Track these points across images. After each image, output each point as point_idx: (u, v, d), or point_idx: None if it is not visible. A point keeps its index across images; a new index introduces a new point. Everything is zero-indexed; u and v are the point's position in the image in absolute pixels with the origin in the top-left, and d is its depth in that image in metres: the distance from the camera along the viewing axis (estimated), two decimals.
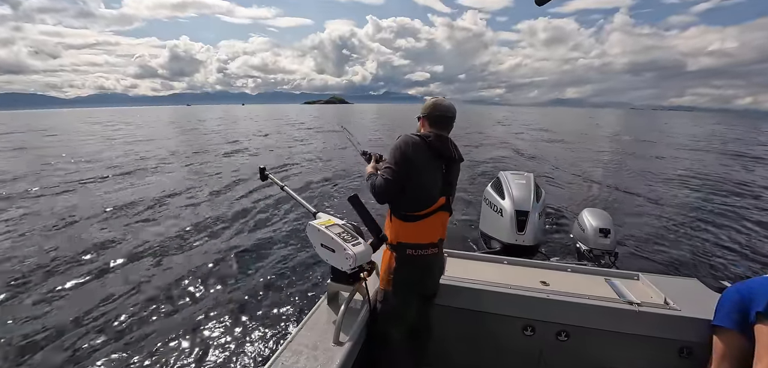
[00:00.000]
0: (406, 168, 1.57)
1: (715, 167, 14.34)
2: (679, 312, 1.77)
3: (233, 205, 7.22)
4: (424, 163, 1.60)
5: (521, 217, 3.42)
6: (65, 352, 3.07)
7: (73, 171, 10.81)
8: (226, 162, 12.04)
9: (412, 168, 1.58)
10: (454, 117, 1.73)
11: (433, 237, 1.67)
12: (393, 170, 1.58)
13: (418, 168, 1.59)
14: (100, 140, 16.73)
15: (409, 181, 1.60)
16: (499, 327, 1.93)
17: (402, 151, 1.58)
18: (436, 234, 1.68)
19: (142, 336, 3.27)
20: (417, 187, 1.61)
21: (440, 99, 1.73)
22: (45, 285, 4.11)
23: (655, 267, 4.86)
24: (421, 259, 1.66)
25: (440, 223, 1.69)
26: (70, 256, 4.80)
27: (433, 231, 1.67)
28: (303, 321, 1.66)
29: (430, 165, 1.62)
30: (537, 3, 1.18)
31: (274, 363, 1.38)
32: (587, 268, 2.41)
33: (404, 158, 1.57)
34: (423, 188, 1.62)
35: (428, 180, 1.62)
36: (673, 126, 46.05)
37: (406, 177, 1.58)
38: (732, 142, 25.48)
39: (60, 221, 6.20)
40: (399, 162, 1.58)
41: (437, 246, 1.71)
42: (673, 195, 9.52)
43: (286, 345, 1.48)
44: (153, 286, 4.12)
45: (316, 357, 1.42)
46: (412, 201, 1.62)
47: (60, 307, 3.69)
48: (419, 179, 1.60)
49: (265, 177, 1.98)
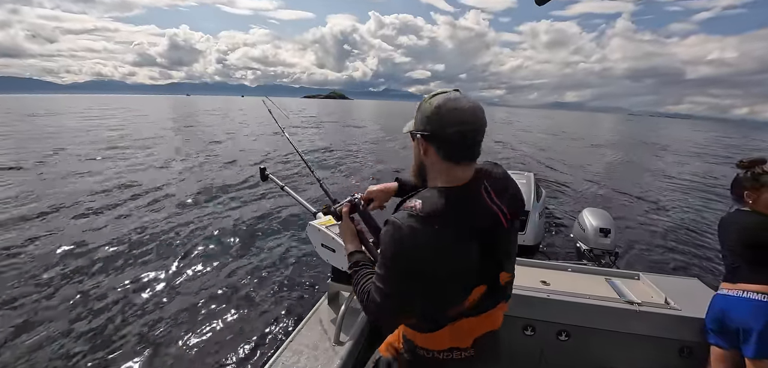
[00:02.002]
0: (407, 287, 0.89)
1: (715, 170, 14.35)
2: (679, 312, 1.77)
3: (233, 205, 7.22)
4: (442, 262, 0.86)
5: (521, 217, 3.43)
6: (66, 352, 3.08)
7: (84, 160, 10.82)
8: (225, 159, 12.03)
9: (418, 283, 0.88)
10: (485, 126, 0.91)
11: (465, 341, 0.97)
12: (388, 295, 0.90)
13: (431, 275, 0.87)
14: (105, 140, 16.72)
15: (418, 298, 0.92)
16: (500, 327, 1.93)
17: (395, 261, 0.87)
18: (469, 337, 0.97)
19: (141, 336, 3.27)
20: (432, 297, 0.91)
21: (452, 96, 0.89)
22: (52, 281, 4.11)
23: (655, 267, 4.87)
24: (451, 364, 0.98)
25: (478, 324, 0.96)
26: (71, 254, 4.80)
27: (464, 335, 0.97)
28: (303, 321, 1.66)
29: (454, 256, 0.86)
30: (537, 2, 1.18)
31: (274, 363, 1.39)
32: (588, 268, 2.41)
33: (403, 275, 0.87)
34: (442, 294, 0.91)
35: (455, 278, 0.89)
36: (672, 132, 46.26)
37: (410, 299, 0.91)
38: (731, 148, 25.64)
39: (59, 221, 6.20)
40: (394, 279, 0.89)
41: (479, 344, 0.99)
42: (674, 196, 9.52)
43: (286, 345, 1.48)
44: (152, 286, 4.11)
45: (317, 357, 1.43)
46: (424, 314, 0.97)
47: (57, 307, 3.69)
48: (434, 288, 0.89)
49: (265, 177, 1.98)
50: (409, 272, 0.87)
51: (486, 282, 0.92)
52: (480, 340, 0.97)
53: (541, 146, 20.36)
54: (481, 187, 0.92)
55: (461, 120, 0.87)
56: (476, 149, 0.91)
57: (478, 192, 0.91)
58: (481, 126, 0.89)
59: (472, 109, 0.88)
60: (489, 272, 0.93)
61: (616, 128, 54.74)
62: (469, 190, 0.91)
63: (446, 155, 0.90)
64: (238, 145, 16.16)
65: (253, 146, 15.82)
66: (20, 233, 5.43)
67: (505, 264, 0.96)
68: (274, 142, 16.84)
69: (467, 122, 0.87)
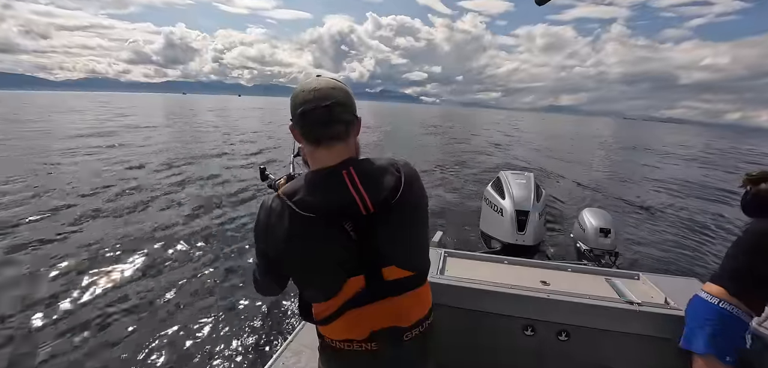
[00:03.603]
0: (273, 268, 0.94)
1: (711, 172, 14.38)
2: (679, 312, 1.77)
3: (233, 204, 7.22)
4: (300, 244, 0.86)
5: (521, 217, 3.42)
6: (63, 352, 3.08)
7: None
8: (224, 158, 12.05)
9: (280, 262, 0.91)
10: (343, 104, 0.89)
11: (361, 333, 0.92)
12: (262, 273, 0.98)
13: (292, 257, 0.89)
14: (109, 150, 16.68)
15: (287, 276, 0.98)
16: (499, 327, 1.93)
17: (257, 241, 0.93)
18: (364, 330, 0.92)
19: (141, 336, 3.27)
20: (300, 280, 0.96)
21: (305, 82, 0.91)
22: (47, 281, 4.11)
23: (655, 267, 4.87)
24: (354, 356, 0.94)
25: (368, 317, 0.91)
26: (69, 253, 4.80)
27: (357, 327, 0.92)
28: (303, 322, 1.66)
29: (314, 240, 0.86)
30: (537, 2, 1.18)
31: (274, 363, 1.39)
32: (587, 268, 2.41)
33: (265, 254, 0.92)
34: (308, 278, 0.94)
35: (318, 265, 0.89)
36: (667, 136, 46.55)
37: (279, 275, 0.97)
38: (728, 151, 25.82)
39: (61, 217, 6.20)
40: (261, 259, 0.95)
41: (380, 338, 0.92)
42: (673, 197, 9.54)
43: (286, 345, 1.48)
44: (151, 286, 4.11)
45: (317, 357, 1.43)
46: (307, 294, 0.98)
47: (57, 308, 3.69)
48: (302, 272, 0.93)
49: (265, 177, 1.98)
50: (268, 252, 0.90)
51: (362, 273, 0.88)
52: (380, 335, 0.92)
53: (541, 146, 20.39)
54: (343, 171, 0.87)
55: (306, 101, 0.87)
56: (331, 126, 0.88)
57: (340, 176, 0.87)
58: (321, 101, 0.86)
59: (315, 86, 0.88)
60: (365, 264, 0.88)
61: (611, 131, 54.86)
62: (331, 174, 0.88)
63: (305, 137, 0.91)
64: (238, 146, 16.17)
65: (253, 147, 15.83)
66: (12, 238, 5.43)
67: (390, 258, 0.89)
68: (275, 142, 16.85)
69: (308, 101, 0.87)
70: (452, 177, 10.87)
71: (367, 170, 0.90)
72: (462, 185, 9.85)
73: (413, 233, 0.96)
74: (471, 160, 13.44)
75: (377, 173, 0.90)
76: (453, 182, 10.12)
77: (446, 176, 11.02)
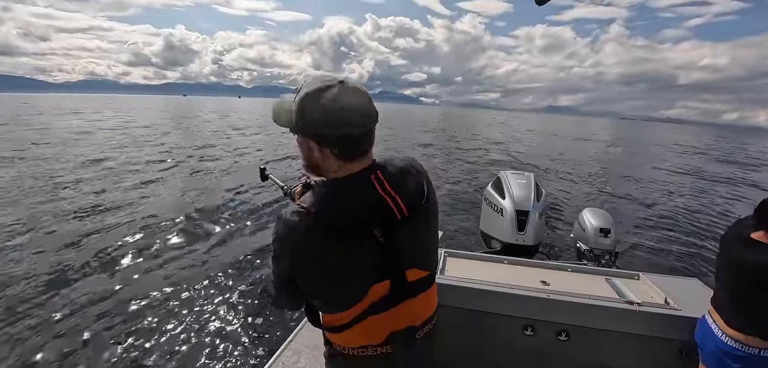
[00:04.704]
0: (292, 282, 0.87)
1: (710, 171, 14.38)
2: (679, 312, 1.77)
3: (233, 204, 7.22)
4: (328, 260, 0.82)
5: (522, 217, 3.42)
6: (62, 351, 3.08)
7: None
8: (225, 159, 12.05)
9: (305, 277, 0.86)
10: (375, 118, 0.84)
11: (378, 337, 0.90)
12: (276, 285, 0.92)
13: (316, 273, 0.84)
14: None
15: (309, 292, 0.91)
16: (499, 327, 1.93)
17: (279, 254, 0.86)
18: (381, 334, 0.90)
19: (141, 336, 3.27)
20: (323, 294, 0.90)
21: (329, 93, 0.79)
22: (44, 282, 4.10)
23: (655, 267, 4.87)
24: (368, 361, 0.92)
25: (388, 321, 0.88)
26: (70, 254, 4.80)
27: (375, 332, 0.90)
28: (303, 321, 1.66)
29: (343, 256, 0.82)
30: (537, 2, 1.18)
31: (274, 363, 1.39)
32: (587, 268, 2.40)
33: (287, 272, 0.86)
34: (334, 291, 0.88)
35: (345, 279, 0.85)
36: (665, 135, 46.53)
37: (298, 291, 0.90)
38: (726, 151, 25.84)
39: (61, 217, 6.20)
40: (281, 275, 0.88)
41: (395, 340, 0.91)
42: (673, 197, 9.53)
43: (286, 345, 1.48)
44: (151, 286, 4.10)
45: (316, 357, 1.43)
46: (326, 311, 0.94)
47: (62, 305, 3.69)
48: (325, 289, 0.87)
49: (265, 177, 1.97)
50: (290, 269, 0.84)
51: (388, 278, 0.86)
52: (396, 337, 0.90)
53: (540, 146, 20.39)
54: (370, 176, 0.84)
55: (346, 121, 0.80)
56: (365, 140, 0.83)
57: (368, 182, 0.83)
58: (369, 123, 0.83)
59: (354, 106, 0.80)
60: (391, 269, 0.86)
61: (610, 131, 54.87)
62: (358, 180, 0.84)
63: (337, 157, 0.84)
64: (237, 144, 16.16)
65: (252, 147, 15.82)
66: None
67: (412, 260, 0.89)
68: (274, 141, 16.85)
69: (354, 124, 0.81)
70: (452, 177, 10.88)
71: (392, 173, 0.87)
72: (462, 185, 9.86)
73: (431, 233, 0.95)
74: (471, 160, 13.44)
75: (402, 176, 0.88)
76: (453, 182, 10.13)
77: (446, 176, 11.03)
